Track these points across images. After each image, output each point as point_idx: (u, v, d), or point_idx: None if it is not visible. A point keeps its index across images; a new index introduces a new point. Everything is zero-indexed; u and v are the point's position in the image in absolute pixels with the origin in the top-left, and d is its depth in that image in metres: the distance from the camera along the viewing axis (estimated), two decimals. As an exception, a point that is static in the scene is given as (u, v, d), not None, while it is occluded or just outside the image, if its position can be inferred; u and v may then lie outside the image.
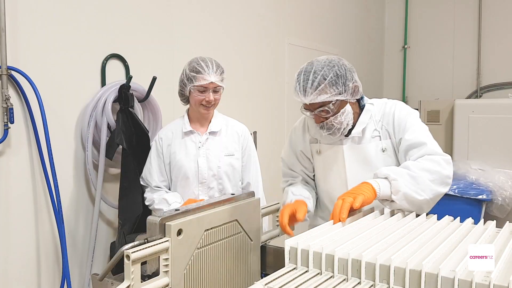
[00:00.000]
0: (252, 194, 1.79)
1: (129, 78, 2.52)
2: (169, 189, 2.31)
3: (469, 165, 4.20)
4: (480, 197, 3.89)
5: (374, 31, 5.62)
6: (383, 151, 1.82)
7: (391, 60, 5.80)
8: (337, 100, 1.71)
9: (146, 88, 2.64)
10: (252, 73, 3.72)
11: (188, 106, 2.32)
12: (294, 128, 2.07)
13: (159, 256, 1.32)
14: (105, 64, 2.58)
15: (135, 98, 2.58)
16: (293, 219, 1.75)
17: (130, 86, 2.53)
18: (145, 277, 1.61)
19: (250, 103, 3.71)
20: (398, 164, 1.80)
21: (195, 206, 1.59)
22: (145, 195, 2.31)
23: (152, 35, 2.86)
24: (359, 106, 1.86)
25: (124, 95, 2.52)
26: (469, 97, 5.26)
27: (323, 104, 1.71)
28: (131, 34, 2.74)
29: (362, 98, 1.87)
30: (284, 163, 2.08)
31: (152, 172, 2.28)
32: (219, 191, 2.25)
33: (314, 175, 2.03)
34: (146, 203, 2.29)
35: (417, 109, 1.93)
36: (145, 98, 2.67)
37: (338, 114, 1.74)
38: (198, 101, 2.18)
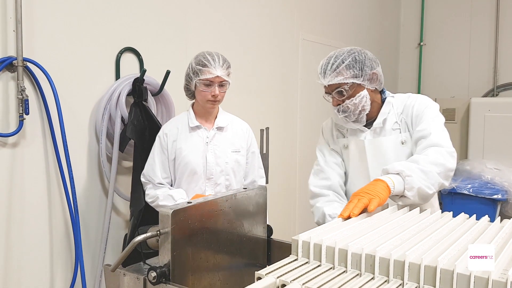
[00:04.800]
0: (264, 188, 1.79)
1: (143, 71, 2.53)
2: (172, 186, 2.27)
3: (485, 164, 4.14)
4: (495, 196, 3.84)
5: (389, 27, 5.56)
6: (403, 143, 1.86)
7: (407, 57, 5.73)
8: (353, 83, 1.80)
9: (160, 82, 2.65)
10: (265, 69, 3.70)
11: (193, 101, 2.30)
12: (325, 124, 2.10)
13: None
14: (120, 57, 2.59)
15: (148, 91, 2.58)
16: None
17: (144, 80, 2.54)
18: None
19: (262, 98, 3.70)
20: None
21: (210, 199, 1.58)
22: (147, 192, 2.24)
23: (166, 30, 2.87)
24: (381, 99, 1.93)
25: (138, 89, 2.52)
26: (485, 95, 5.17)
27: (339, 85, 1.81)
28: (146, 28, 2.74)
29: (384, 92, 1.94)
30: (320, 159, 2.04)
31: (155, 168, 2.22)
32: (226, 187, 2.23)
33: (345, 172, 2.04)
34: (148, 200, 2.22)
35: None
36: (158, 92, 2.67)
37: (354, 97, 1.82)
38: (204, 95, 2.14)
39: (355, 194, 1.55)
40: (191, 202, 1.50)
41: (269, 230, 1.83)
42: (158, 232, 1.41)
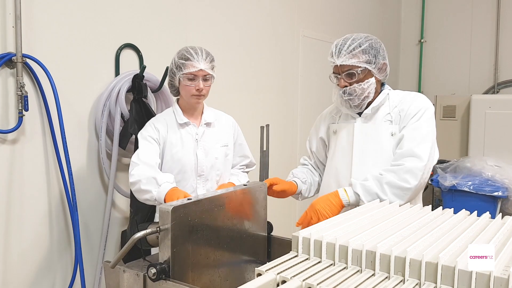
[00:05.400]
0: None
1: (142, 68, 2.52)
2: None
3: (485, 161, 4.12)
4: (495, 194, 3.82)
5: (390, 24, 5.54)
6: (392, 135, 1.91)
7: (407, 54, 5.71)
8: (365, 68, 1.86)
9: (160, 79, 2.64)
10: (265, 66, 3.69)
11: (177, 98, 2.25)
12: (321, 115, 2.23)
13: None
14: (119, 53, 2.58)
15: (148, 88, 2.57)
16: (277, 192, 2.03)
17: (143, 76, 2.53)
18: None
19: (263, 95, 3.69)
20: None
21: (210, 195, 1.56)
22: (133, 172, 2.01)
23: (166, 26, 2.85)
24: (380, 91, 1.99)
25: (138, 85, 2.51)
26: (486, 92, 5.16)
27: (352, 67, 1.86)
28: (146, 24, 2.73)
29: (384, 85, 2.00)
30: (308, 141, 2.29)
31: (153, 151, 2.08)
32: (216, 182, 2.20)
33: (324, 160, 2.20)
34: (131, 180, 2.00)
35: (433, 104, 1.99)
36: (158, 88, 2.66)
37: (363, 82, 1.87)
38: (188, 90, 2.09)
39: (311, 206, 1.80)
40: (191, 199, 1.50)
41: (269, 226, 1.83)
42: (158, 229, 1.40)
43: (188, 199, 1.49)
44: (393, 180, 1.76)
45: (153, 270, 1.35)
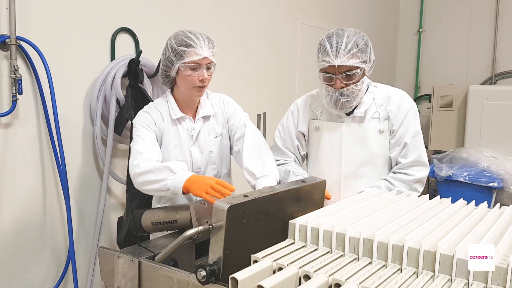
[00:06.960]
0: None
1: (138, 52, 2.49)
2: None
3: (481, 152, 4.13)
4: (491, 184, 3.83)
5: (389, 13, 5.50)
6: (380, 132, 1.89)
7: (406, 44, 5.68)
8: (362, 67, 1.78)
9: (156, 64, 2.60)
10: (262, 53, 3.66)
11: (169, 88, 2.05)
12: (296, 104, 2.14)
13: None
14: (115, 38, 2.54)
15: (144, 73, 2.54)
16: None
17: (139, 61, 2.49)
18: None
19: (260, 83, 3.66)
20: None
21: (268, 193, 1.40)
22: (137, 161, 1.80)
23: (162, 10, 2.81)
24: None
25: (134, 70, 2.48)
26: (483, 83, 5.16)
27: (351, 68, 1.77)
28: (142, 8, 2.69)
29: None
30: (279, 138, 2.15)
31: (154, 141, 1.91)
32: (214, 176, 2.05)
33: (304, 154, 2.12)
34: (138, 170, 1.78)
35: (430, 95, 2.03)
36: (154, 74, 2.63)
37: (359, 82, 1.81)
38: (190, 80, 1.88)
39: None
40: (247, 196, 1.33)
41: None
42: (210, 226, 1.27)
43: (245, 196, 1.33)
44: (405, 191, 1.80)
45: (203, 273, 1.19)
